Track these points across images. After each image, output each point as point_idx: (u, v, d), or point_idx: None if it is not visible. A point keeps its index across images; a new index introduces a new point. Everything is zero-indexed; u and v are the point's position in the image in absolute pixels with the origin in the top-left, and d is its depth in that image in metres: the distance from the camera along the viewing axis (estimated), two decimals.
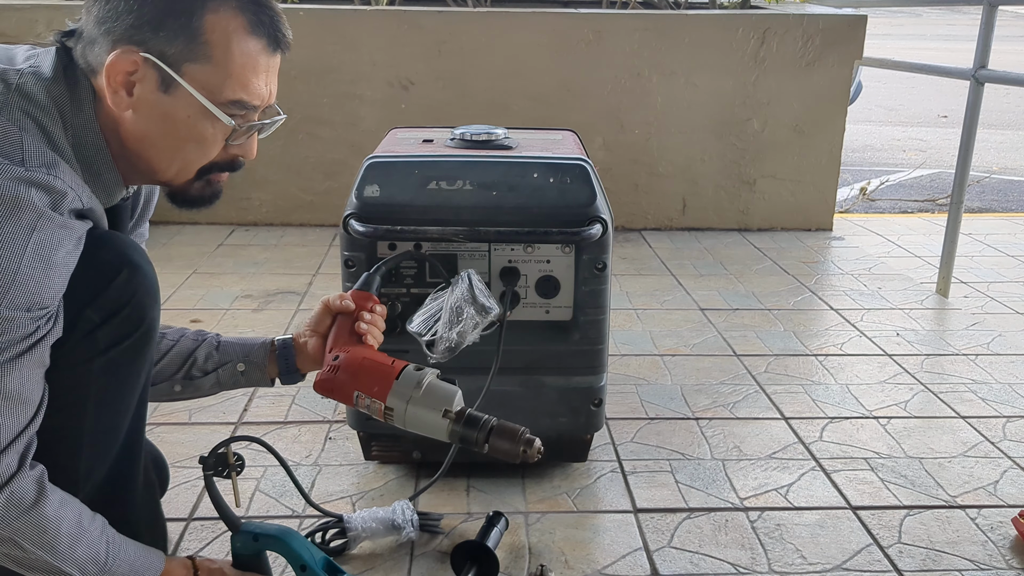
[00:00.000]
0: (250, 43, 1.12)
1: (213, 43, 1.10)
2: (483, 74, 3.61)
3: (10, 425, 1.03)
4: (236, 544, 1.36)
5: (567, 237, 1.62)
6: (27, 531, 1.06)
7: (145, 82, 1.09)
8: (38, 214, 1.00)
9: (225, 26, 1.10)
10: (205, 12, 1.09)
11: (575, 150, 1.78)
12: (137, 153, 1.15)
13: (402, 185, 1.63)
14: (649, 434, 2.03)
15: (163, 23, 1.07)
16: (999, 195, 5.30)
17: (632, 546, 1.62)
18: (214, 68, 1.10)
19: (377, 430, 1.75)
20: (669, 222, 3.83)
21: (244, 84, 1.13)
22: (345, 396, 1.30)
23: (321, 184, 3.66)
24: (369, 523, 1.56)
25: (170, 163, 1.17)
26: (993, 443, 2.01)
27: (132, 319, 1.16)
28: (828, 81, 3.69)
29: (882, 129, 7.60)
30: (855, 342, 2.60)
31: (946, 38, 15.78)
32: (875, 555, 1.60)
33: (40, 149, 1.03)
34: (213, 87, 1.11)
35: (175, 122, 1.12)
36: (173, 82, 1.09)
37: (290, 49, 1.18)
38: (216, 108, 1.12)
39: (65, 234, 1.03)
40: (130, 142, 1.14)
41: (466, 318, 1.46)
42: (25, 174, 1.00)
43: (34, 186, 1.00)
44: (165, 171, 1.18)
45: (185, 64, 1.09)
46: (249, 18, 1.11)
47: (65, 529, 1.09)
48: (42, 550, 1.07)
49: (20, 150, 1.01)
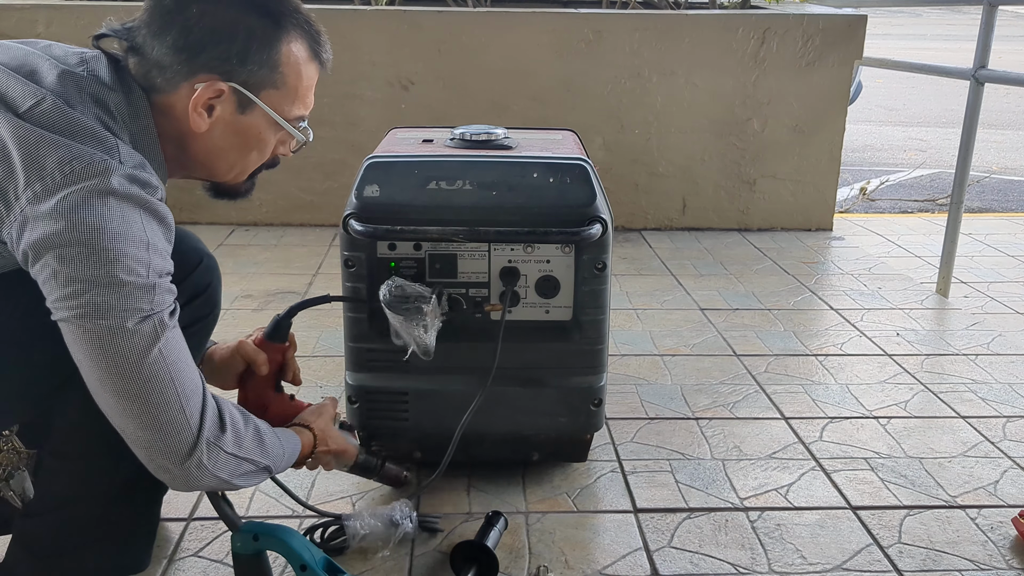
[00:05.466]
0: (311, 67, 1.27)
1: (287, 71, 1.24)
2: (483, 74, 3.61)
3: (196, 376, 1.15)
4: (236, 544, 1.36)
5: (567, 237, 1.62)
6: (250, 448, 1.21)
7: (224, 104, 1.21)
8: (144, 199, 1.10)
9: (296, 55, 1.24)
10: (282, 44, 1.22)
11: (575, 150, 1.78)
12: (203, 161, 1.28)
13: (402, 185, 1.63)
14: (649, 434, 2.03)
15: (247, 56, 1.20)
16: (999, 195, 5.30)
17: (632, 546, 1.62)
18: (286, 92, 1.25)
19: (377, 430, 1.75)
20: (669, 222, 3.83)
21: (305, 102, 1.30)
22: None
23: (321, 184, 3.66)
24: (369, 522, 1.56)
25: (232, 168, 1.31)
26: (993, 443, 2.01)
27: (208, 302, 1.36)
28: (828, 81, 3.69)
29: (882, 129, 7.60)
30: (855, 342, 2.60)
31: (946, 38, 15.78)
32: (875, 555, 1.60)
33: (130, 151, 1.13)
34: (284, 107, 1.26)
35: (247, 136, 1.26)
36: (251, 104, 1.23)
37: None
38: (289, 125, 1.27)
39: (166, 211, 1.15)
40: (199, 153, 1.26)
41: (413, 324, 1.53)
42: (130, 171, 1.10)
43: (136, 182, 1.10)
44: (225, 175, 1.32)
45: (263, 91, 1.23)
46: (311, 45, 1.26)
47: (250, 443, 1.22)
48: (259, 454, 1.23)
49: (118, 152, 1.11)
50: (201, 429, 1.13)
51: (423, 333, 1.52)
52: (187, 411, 1.12)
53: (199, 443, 1.13)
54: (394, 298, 1.54)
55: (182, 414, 1.11)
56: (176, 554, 1.57)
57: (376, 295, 1.55)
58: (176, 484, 1.17)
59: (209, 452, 1.14)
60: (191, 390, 1.13)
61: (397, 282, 1.55)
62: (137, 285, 1.07)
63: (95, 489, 1.30)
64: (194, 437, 1.13)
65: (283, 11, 1.22)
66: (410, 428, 1.73)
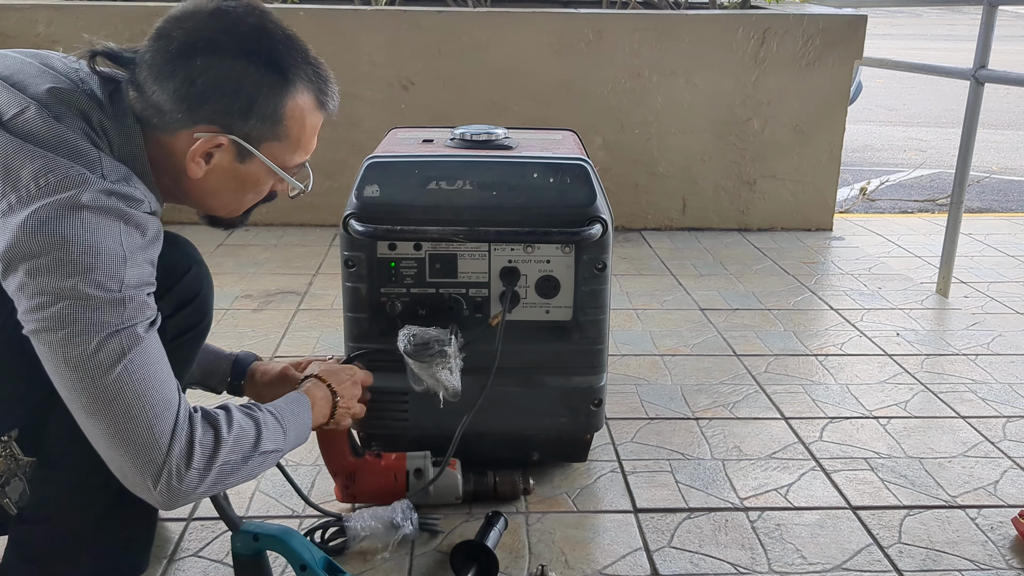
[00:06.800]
0: (316, 117, 1.25)
1: (290, 124, 1.21)
2: (483, 74, 3.61)
3: (170, 391, 1.11)
4: (236, 544, 1.36)
5: (567, 237, 1.62)
6: (230, 460, 1.16)
7: (223, 153, 1.20)
8: (124, 212, 1.09)
9: (301, 108, 1.21)
10: (287, 98, 1.19)
11: (575, 150, 1.78)
12: (197, 199, 1.27)
13: (402, 185, 1.63)
14: (649, 434, 2.03)
15: (251, 111, 1.17)
16: (999, 195, 5.30)
17: (632, 546, 1.62)
18: (287, 143, 1.23)
19: (377, 430, 1.75)
20: (669, 222, 3.83)
21: (307, 150, 1.28)
22: None
23: (321, 184, 3.62)
24: (369, 522, 1.56)
25: (226, 207, 1.30)
26: (993, 443, 2.01)
27: (197, 311, 1.30)
28: (828, 81, 3.69)
29: (882, 129, 7.60)
30: (855, 342, 2.60)
31: (946, 38, 15.78)
32: (875, 555, 1.60)
33: (114, 164, 1.12)
34: (284, 158, 1.25)
35: (244, 182, 1.25)
36: (250, 155, 1.21)
37: None
38: (287, 176, 1.27)
39: (150, 222, 1.13)
40: (193, 192, 1.25)
41: (438, 367, 1.53)
42: (109, 185, 1.09)
43: (115, 195, 1.09)
44: (219, 212, 1.31)
45: (264, 143, 1.21)
46: (317, 96, 1.23)
47: (249, 438, 1.19)
48: (246, 460, 1.19)
49: (100, 166, 1.10)
50: (170, 450, 1.09)
51: (449, 375, 1.53)
52: (155, 430, 1.08)
53: (167, 464, 1.09)
54: (415, 347, 1.54)
55: (150, 432, 1.07)
56: (176, 554, 1.57)
57: (394, 338, 1.57)
58: (158, 504, 1.13)
59: (178, 474, 1.09)
60: (161, 408, 1.09)
61: (412, 330, 1.55)
62: (105, 300, 1.04)
63: (88, 500, 1.28)
64: (163, 457, 1.08)
65: (291, 63, 1.19)
66: (410, 428, 1.73)
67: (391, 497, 1.62)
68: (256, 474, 1.23)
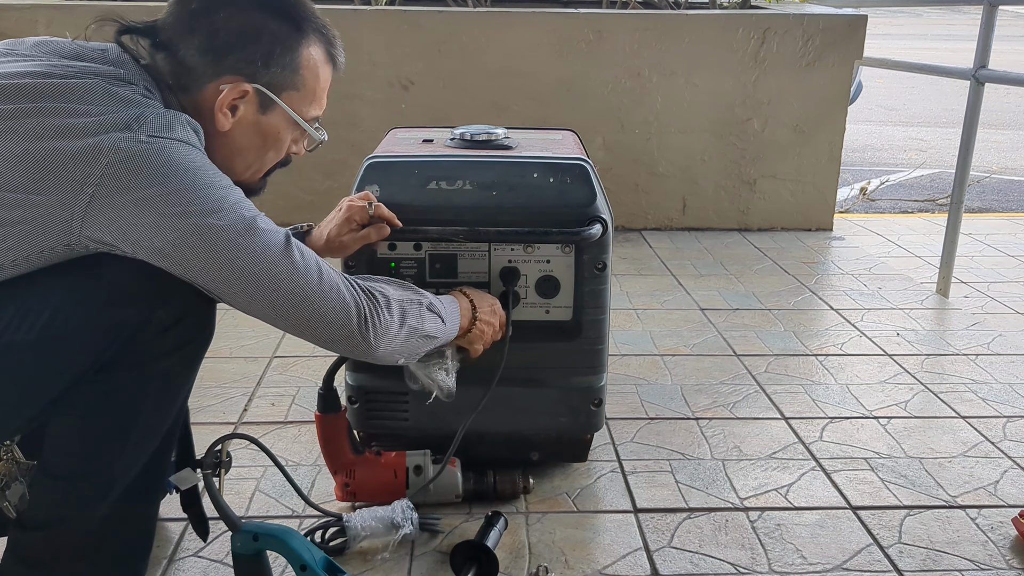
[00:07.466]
0: (327, 70, 1.33)
1: (306, 74, 1.29)
2: (483, 74, 3.61)
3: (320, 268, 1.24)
4: (236, 544, 1.36)
5: (567, 237, 1.62)
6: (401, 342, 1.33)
7: (247, 104, 1.26)
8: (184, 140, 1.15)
9: (315, 58, 1.30)
10: (302, 48, 1.28)
11: (575, 150, 1.78)
12: (222, 161, 1.27)
13: (402, 185, 1.63)
14: (649, 434, 2.03)
15: (271, 59, 1.25)
16: (999, 195, 5.30)
17: (632, 546, 1.62)
18: (304, 93, 1.31)
19: (377, 430, 1.75)
20: (669, 222, 3.83)
21: (320, 104, 1.35)
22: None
23: (321, 184, 3.66)
24: (369, 522, 1.56)
25: (249, 168, 1.34)
26: (993, 443, 2.01)
27: (199, 322, 1.24)
28: (828, 81, 3.69)
29: (882, 129, 7.60)
30: (855, 342, 2.60)
31: (946, 38, 15.78)
32: (875, 555, 1.60)
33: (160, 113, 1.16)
34: (303, 108, 1.32)
35: (266, 136, 1.31)
36: (272, 105, 1.28)
37: None
38: (307, 125, 1.33)
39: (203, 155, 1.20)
40: (220, 152, 1.28)
41: (435, 368, 1.53)
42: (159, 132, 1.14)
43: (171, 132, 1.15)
44: (242, 173, 1.34)
45: (284, 92, 1.28)
46: (327, 49, 1.32)
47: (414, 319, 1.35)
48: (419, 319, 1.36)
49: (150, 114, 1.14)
50: (358, 294, 1.25)
51: (445, 376, 1.52)
52: (343, 284, 1.24)
53: (359, 307, 1.24)
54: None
55: (338, 291, 1.23)
56: (176, 554, 1.57)
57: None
58: (371, 347, 1.29)
59: (375, 313, 1.26)
60: (335, 272, 1.25)
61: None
62: (230, 189, 1.17)
63: (86, 510, 1.26)
64: (355, 299, 1.24)
65: (303, 16, 1.27)
66: (410, 428, 1.73)
67: (391, 494, 1.62)
68: (420, 351, 1.42)
